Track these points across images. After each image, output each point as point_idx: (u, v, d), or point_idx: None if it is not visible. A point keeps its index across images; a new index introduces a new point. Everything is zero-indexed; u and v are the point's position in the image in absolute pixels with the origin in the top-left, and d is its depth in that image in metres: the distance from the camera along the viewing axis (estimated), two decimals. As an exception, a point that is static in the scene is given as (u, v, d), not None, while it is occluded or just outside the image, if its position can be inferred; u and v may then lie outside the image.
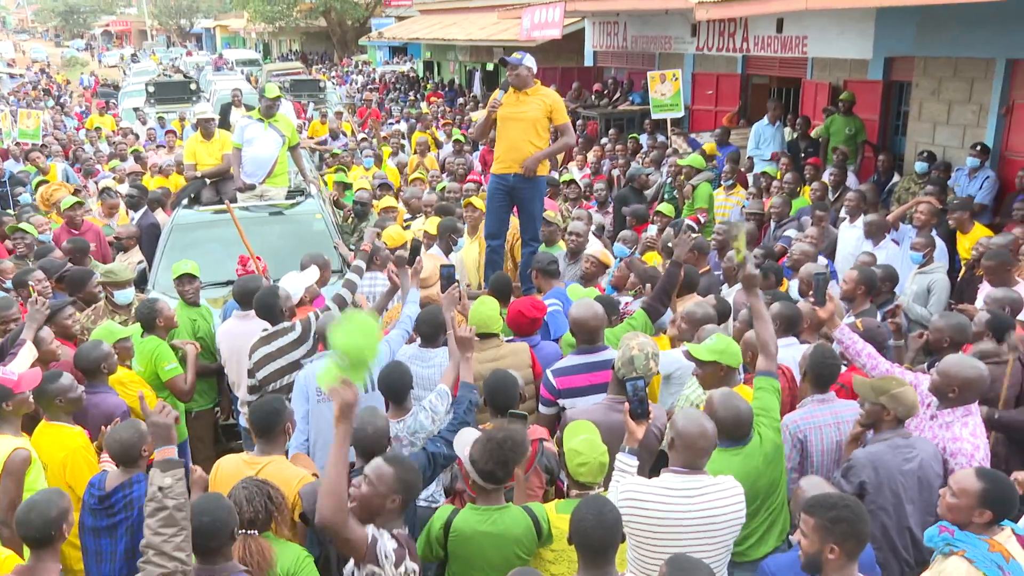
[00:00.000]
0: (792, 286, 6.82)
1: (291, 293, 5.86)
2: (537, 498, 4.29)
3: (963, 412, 4.34)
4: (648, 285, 6.33)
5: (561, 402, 4.85)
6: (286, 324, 5.46)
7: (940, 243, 7.46)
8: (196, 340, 6.34)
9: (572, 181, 10.78)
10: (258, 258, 6.82)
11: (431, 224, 7.79)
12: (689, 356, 4.65)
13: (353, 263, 6.10)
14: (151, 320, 5.94)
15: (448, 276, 5.38)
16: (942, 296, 6.92)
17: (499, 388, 4.54)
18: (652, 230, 9.11)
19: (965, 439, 4.26)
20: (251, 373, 5.44)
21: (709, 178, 10.32)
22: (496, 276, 6.63)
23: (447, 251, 7.49)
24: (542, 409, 4.94)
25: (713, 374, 4.56)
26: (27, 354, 5.02)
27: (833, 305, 5.04)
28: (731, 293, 6.92)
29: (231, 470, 4.19)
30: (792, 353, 5.15)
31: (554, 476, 4.48)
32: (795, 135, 12.14)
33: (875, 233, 7.89)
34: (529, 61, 7.09)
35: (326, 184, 11.22)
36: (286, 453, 4.44)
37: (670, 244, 5.74)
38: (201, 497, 3.48)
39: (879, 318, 5.93)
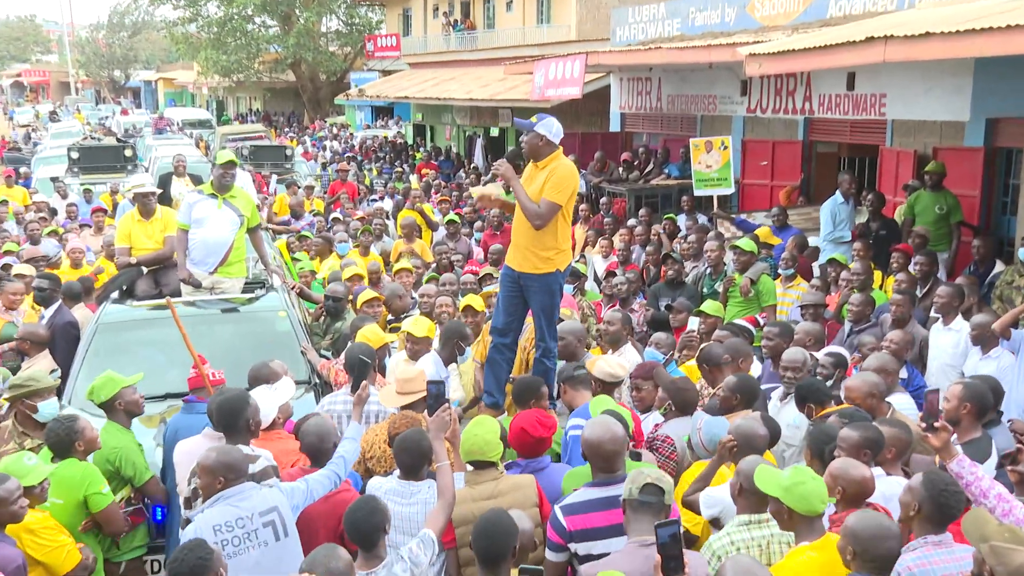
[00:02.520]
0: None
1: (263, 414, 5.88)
2: None
3: None
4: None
5: (573, 547, 4.80)
6: (248, 452, 5.42)
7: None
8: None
9: (611, 275, 10.87)
10: (215, 373, 6.83)
11: (418, 324, 7.79)
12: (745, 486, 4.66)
13: (351, 426, 5.97)
14: (68, 443, 5.86)
15: (437, 395, 5.35)
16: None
17: (489, 534, 4.47)
18: (693, 323, 9.11)
19: None
20: (188, 502, 5.43)
21: (766, 269, 10.40)
22: (522, 379, 6.64)
23: (449, 361, 7.52)
24: (550, 556, 4.88)
25: (778, 513, 4.60)
26: None
27: (947, 432, 5.01)
28: (787, 404, 6.89)
29: None
30: (882, 488, 5.09)
31: None
32: (867, 215, 12.24)
33: (985, 339, 7.82)
34: (545, 126, 7.03)
35: (291, 272, 11.33)
36: None
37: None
38: None
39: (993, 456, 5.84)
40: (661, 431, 6.31)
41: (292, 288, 9.82)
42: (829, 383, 6.87)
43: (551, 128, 7.04)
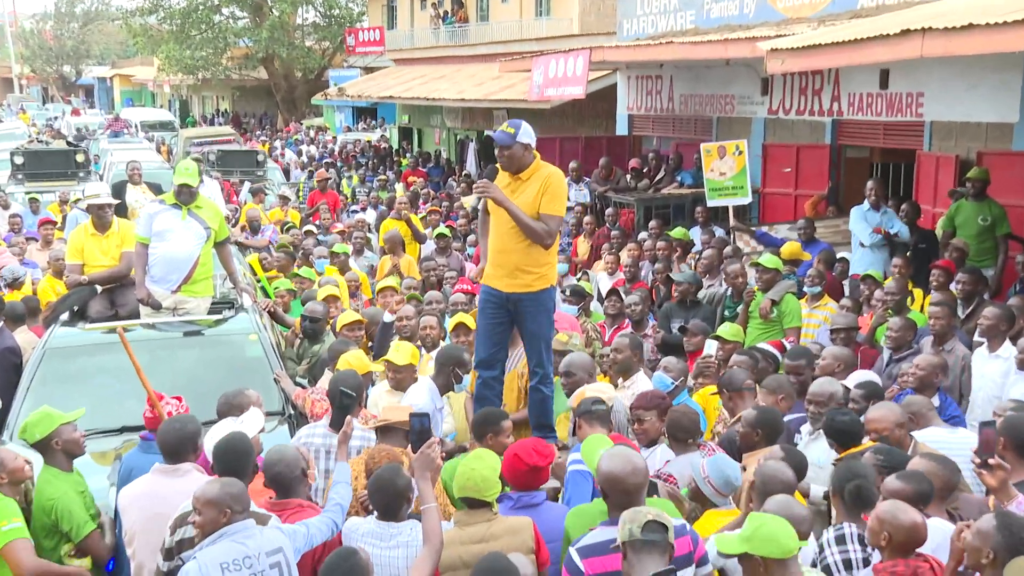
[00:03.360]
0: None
1: None
2: None
3: None
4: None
5: None
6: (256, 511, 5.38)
7: None
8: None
9: (614, 292, 10.89)
10: (177, 398, 6.79)
11: (399, 351, 7.79)
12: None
13: (338, 467, 5.96)
14: None
15: (420, 430, 5.36)
16: None
17: None
18: (710, 347, 9.06)
19: None
20: (170, 553, 5.37)
21: (791, 288, 10.39)
22: (480, 411, 6.68)
23: (444, 390, 7.53)
24: None
25: (752, 570, 4.59)
26: None
27: (1004, 471, 4.98)
28: (816, 440, 6.87)
29: None
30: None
31: None
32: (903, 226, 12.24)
33: None
34: (526, 134, 7.20)
35: (265, 291, 11.31)
36: None
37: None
38: None
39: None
40: (669, 467, 6.30)
41: (265, 308, 9.81)
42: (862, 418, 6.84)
43: (530, 134, 7.23)
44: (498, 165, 7.35)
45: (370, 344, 9.54)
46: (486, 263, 7.60)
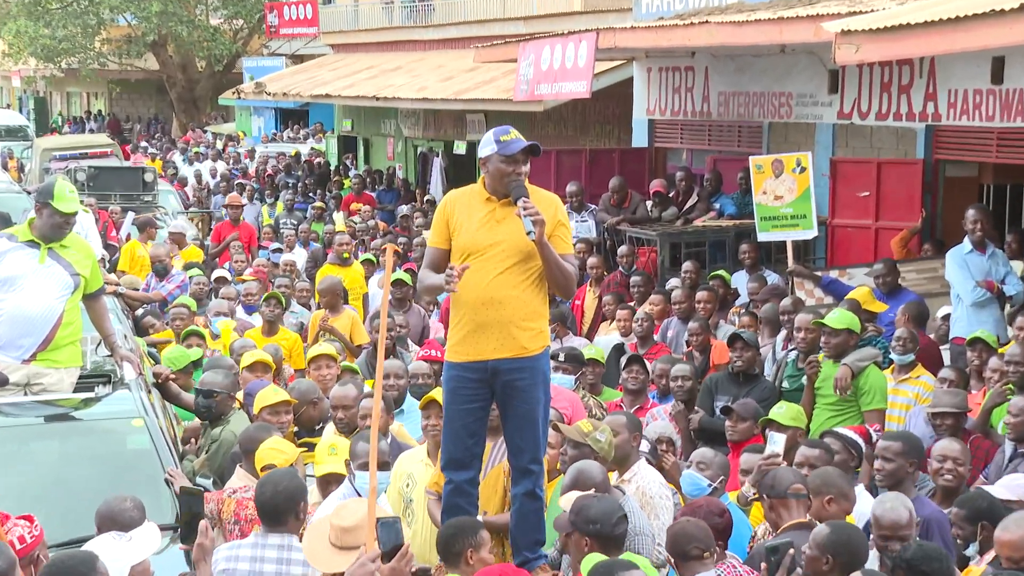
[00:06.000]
0: None
1: None
2: None
3: None
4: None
5: None
6: None
7: None
8: None
9: (635, 360, 10.89)
10: (28, 518, 6.70)
11: (342, 446, 7.82)
12: None
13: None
14: None
15: (393, 536, 5.43)
16: None
17: None
18: (776, 443, 8.99)
19: None
20: None
21: (874, 357, 10.37)
22: (452, 523, 6.74)
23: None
24: None
25: None
26: None
27: None
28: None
29: None
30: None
31: None
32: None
33: None
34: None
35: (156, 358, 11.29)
36: None
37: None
38: None
39: None
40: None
41: (162, 379, 9.76)
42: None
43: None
44: (479, 183, 7.32)
45: (297, 431, 9.48)
46: (452, 328, 7.51)
